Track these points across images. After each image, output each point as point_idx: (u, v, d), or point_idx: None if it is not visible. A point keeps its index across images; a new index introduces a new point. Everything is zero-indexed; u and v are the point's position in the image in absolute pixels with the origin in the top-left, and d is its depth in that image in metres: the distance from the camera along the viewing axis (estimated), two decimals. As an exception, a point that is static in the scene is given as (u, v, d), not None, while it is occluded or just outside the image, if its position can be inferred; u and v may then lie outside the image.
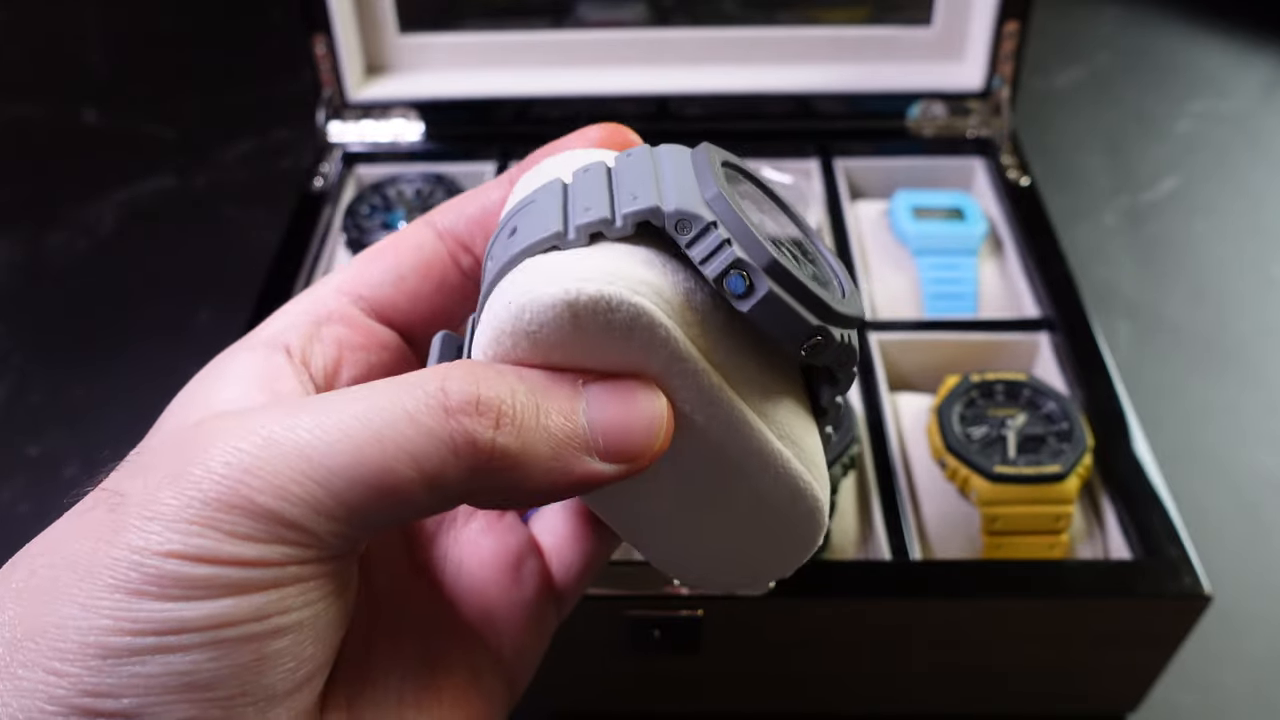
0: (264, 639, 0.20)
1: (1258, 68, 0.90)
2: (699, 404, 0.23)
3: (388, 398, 0.21)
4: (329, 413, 0.21)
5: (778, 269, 0.22)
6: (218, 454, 0.20)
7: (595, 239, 0.22)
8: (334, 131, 0.67)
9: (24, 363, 0.65)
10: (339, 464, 0.20)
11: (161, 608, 0.19)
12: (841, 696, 0.48)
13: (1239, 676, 0.50)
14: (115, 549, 0.19)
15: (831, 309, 0.23)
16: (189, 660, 0.19)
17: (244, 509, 0.20)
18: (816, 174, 0.65)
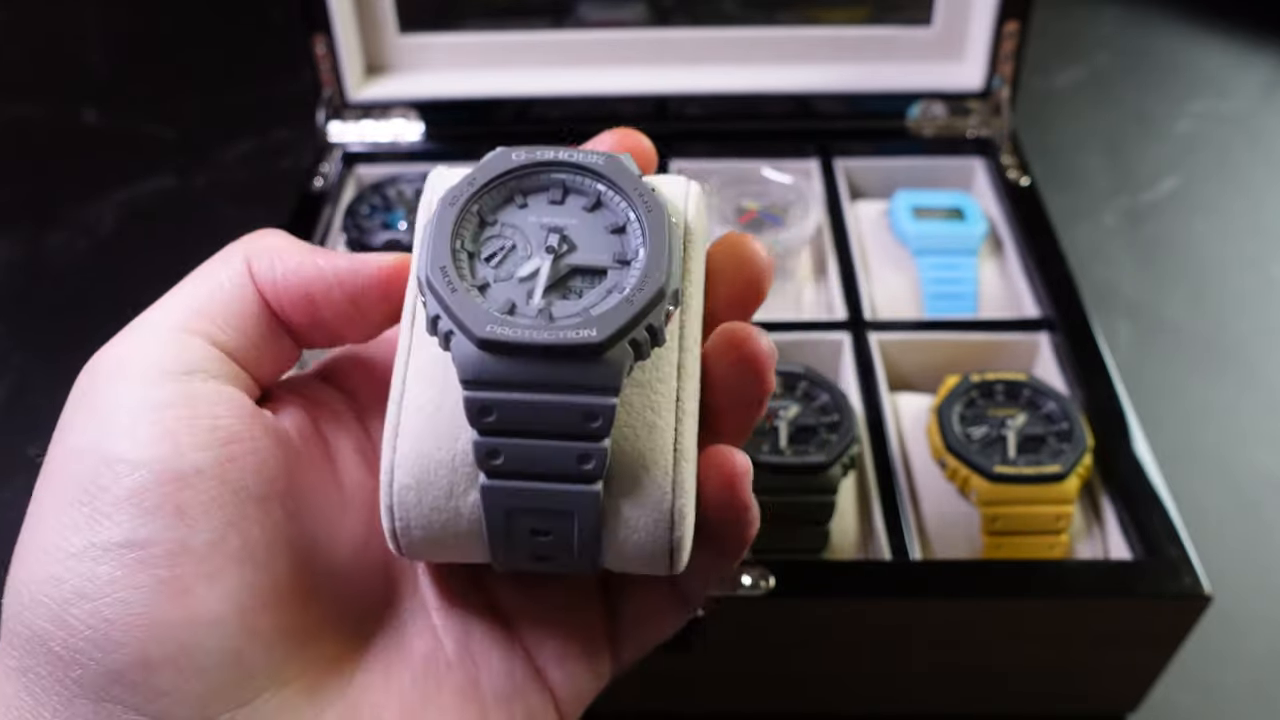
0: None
1: (1258, 68, 0.90)
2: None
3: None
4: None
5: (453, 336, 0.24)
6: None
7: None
8: (334, 131, 0.67)
9: (24, 363, 0.65)
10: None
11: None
12: (841, 696, 0.48)
13: (1239, 676, 0.50)
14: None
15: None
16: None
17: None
18: (816, 174, 0.65)
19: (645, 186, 0.26)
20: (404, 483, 0.25)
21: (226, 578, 0.23)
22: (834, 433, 0.48)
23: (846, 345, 0.55)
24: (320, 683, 0.25)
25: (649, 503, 0.25)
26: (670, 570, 0.26)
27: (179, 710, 0.22)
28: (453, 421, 0.25)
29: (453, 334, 0.24)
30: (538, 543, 0.25)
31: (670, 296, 0.24)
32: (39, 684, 0.22)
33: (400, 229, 0.58)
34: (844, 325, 0.56)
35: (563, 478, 0.24)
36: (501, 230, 0.26)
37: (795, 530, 0.47)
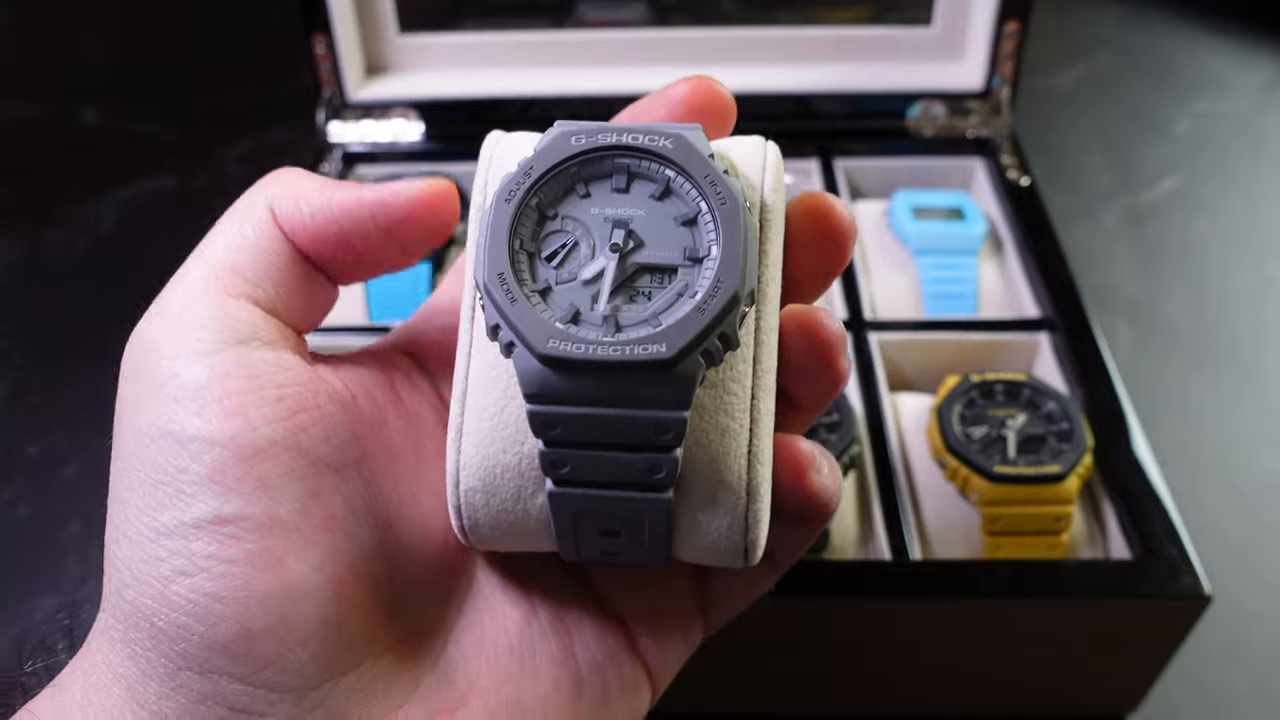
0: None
1: (1258, 68, 0.90)
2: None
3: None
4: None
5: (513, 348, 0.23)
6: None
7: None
8: (334, 131, 0.67)
9: (24, 363, 0.65)
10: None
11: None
12: (842, 696, 0.48)
13: (1239, 676, 0.50)
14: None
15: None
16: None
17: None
18: (816, 174, 0.65)
19: (717, 171, 0.24)
20: (470, 485, 0.25)
21: (316, 547, 0.24)
22: (834, 433, 0.48)
23: (847, 345, 0.55)
24: (415, 652, 0.25)
25: (722, 509, 0.24)
26: (744, 565, 0.25)
27: (282, 679, 0.23)
28: (518, 425, 0.25)
29: (514, 345, 0.23)
30: (608, 542, 0.25)
31: (746, 299, 0.23)
32: (144, 655, 0.23)
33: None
34: (844, 325, 0.56)
35: (633, 486, 0.23)
36: (563, 224, 0.24)
37: (795, 530, 0.47)
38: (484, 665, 0.26)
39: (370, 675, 0.24)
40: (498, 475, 0.25)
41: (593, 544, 0.25)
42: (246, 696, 0.22)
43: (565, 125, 0.25)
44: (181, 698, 0.22)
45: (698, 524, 0.25)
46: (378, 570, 0.25)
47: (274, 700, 0.23)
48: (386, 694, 0.24)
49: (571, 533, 0.25)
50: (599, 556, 0.26)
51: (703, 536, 0.25)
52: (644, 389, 0.22)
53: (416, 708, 0.24)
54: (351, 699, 0.24)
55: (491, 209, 0.24)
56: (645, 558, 0.25)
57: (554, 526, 0.25)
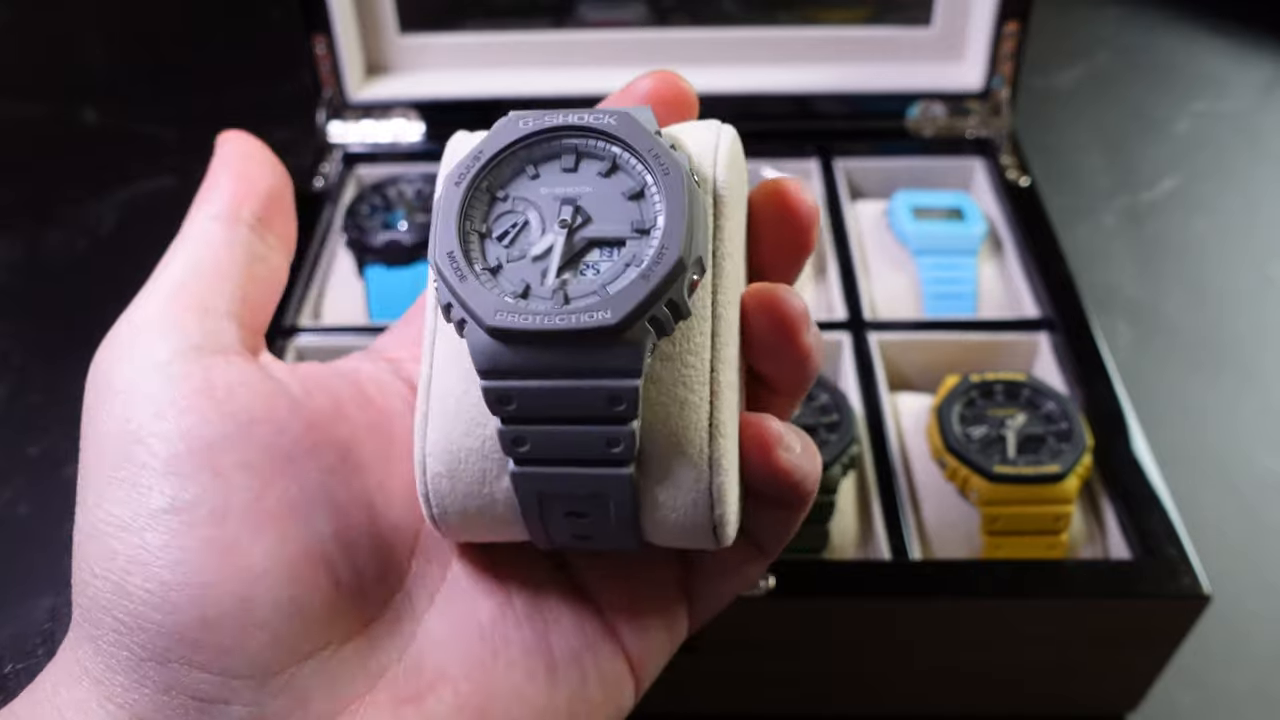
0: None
1: (1258, 68, 0.90)
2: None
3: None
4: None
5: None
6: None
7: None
8: (334, 131, 0.67)
9: (24, 363, 0.65)
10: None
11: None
12: (841, 696, 0.48)
13: (1238, 676, 0.50)
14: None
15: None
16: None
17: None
18: (816, 174, 0.65)
19: (662, 145, 0.24)
20: (436, 471, 0.25)
21: (271, 532, 0.24)
22: (834, 433, 0.48)
23: (846, 345, 0.55)
24: (382, 638, 0.26)
25: (685, 483, 0.24)
26: (716, 545, 0.25)
27: (244, 665, 0.23)
28: (479, 408, 0.25)
29: (464, 322, 0.23)
30: (575, 524, 0.25)
31: (693, 266, 0.23)
32: (106, 649, 0.23)
33: (401, 229, 0.58)
34: (844, 325, 0.56)
35: (592, 462, 0.24)
36: (513, 205, 0.25)
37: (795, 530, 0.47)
38: (454, 653, 0.26)
39: (334, 661, 0.24)
40: (462, 459, 0.25)
41: (561, 527, 0.25)
42: (208, 684, 0.23)
43: (515, 112, 0.25)
44: (146, 689, 0.23)
45: (662, 500, 0.25)
46: (336, 556, 0.25)
47: (236, 687, 0.23)
48: (351, 680, 0.24)
49: (538, 515, 0.25)
50: (570, 541, 0.26)
51: (668, 513, 0.25)
52: (593, 358, 0.22)
53: (382, 694, 0.25)
54: (314, 683, 0.24)
55: (442, 192, 0.24)
56: (616, 541, 0.25)
57: (520, 509, 0.25)
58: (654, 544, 0.26)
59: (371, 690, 0.25)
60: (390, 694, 0.25)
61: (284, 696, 0.23)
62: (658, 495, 0.25)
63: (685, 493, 0.24)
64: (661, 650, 0.29)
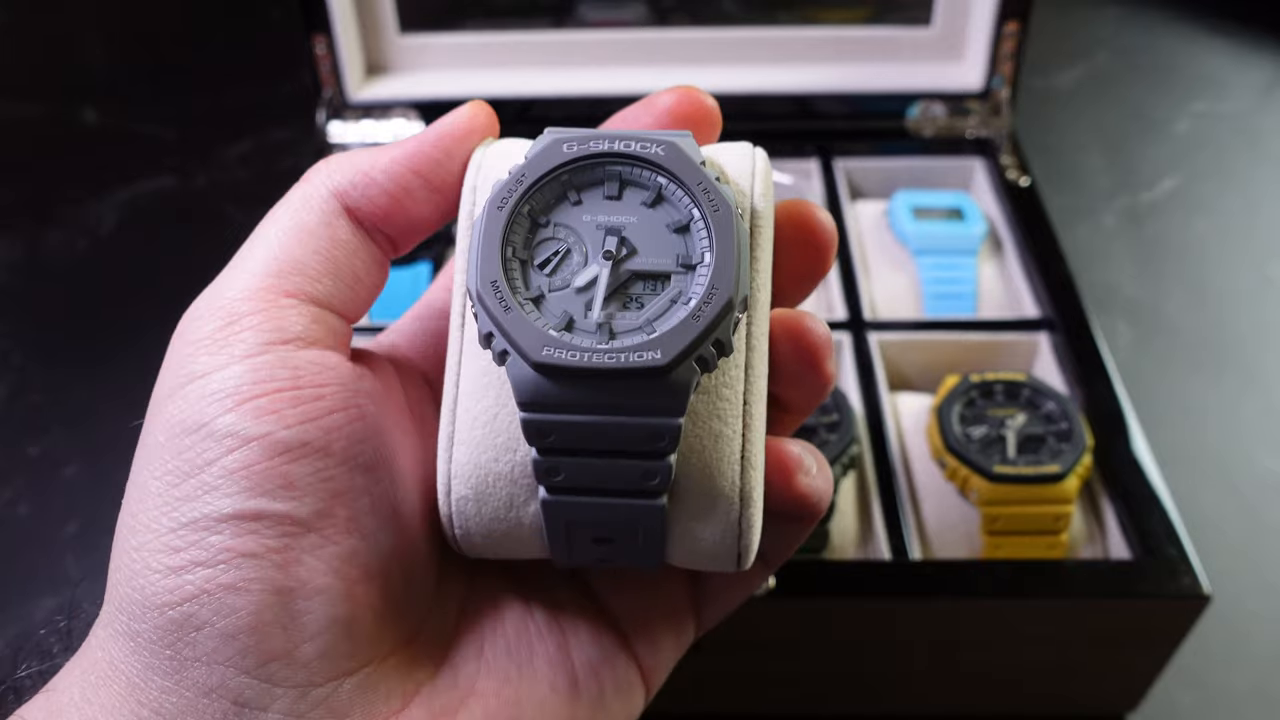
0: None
1: (1258, 68, 0.90)
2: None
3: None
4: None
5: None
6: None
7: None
8: (334, 132, 0.67)
9: (24, 363, 0.65)
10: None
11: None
12: (841, 696, 0.48)
13: (1238, 676, 0.50)
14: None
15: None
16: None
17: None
18: (816, 174, 0.65)
19: (709, 179, 0.24)
20: (462, 494, 0.25)
21: (335, 549, 0.24)
22: (834, 433, 0.48)
23: (846, 345, 0.55)
24: (419, 654, 0.26)
25: (716, 515, 0.24)
26: (736, 569, 0.25)
27: (287, 675, 0.23)
28: (510, 433, 0.24)
29: (507, 353, 0.23)
30: (601, 549, 0.25)
31: (739, 305, 0.23)
32: (148, 647, 0.23)
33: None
34: (844, 325, 0.56)
35: (626, 493, 0.23)
36: (555, 232, 0.24)
37: (795, 530, 0.47)
38: (483, 667, 0.26)
39: (375, 676, 0.24)
40: (490, 483, 0.25)
41: (586, 550, 0.25)
42: (251, 690, 0.22)
43: (556, 132, 0.25)
44: (186, 692, 0.22)
45: (691, 530, 0.25)
46: (393, 572, 0.25)
47: (277, 695, 0.23)
48: (389, 696, 0.24)
49: (564, 540, 0.25)
50: (592, 562, 0.26)
51: (696, 542, 0.25)
52: (639, 396, 0.22)
53: (418, 710, 0.25)
54: (354, 699, 0.24)
55: (484, 216, 0.24)
56: (639, 561, 0.25)
57: (547, 534, 0.25)
58: (672, 565, 0.26)
59: (407, 706, 0.25)
60: (426, 709, 0.25)
61: (322, 708, 0.23)
62: (688, 525, 0.25)
63: (716, 524, 0.25)
64: (671, 659, 0.29)
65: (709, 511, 0.24)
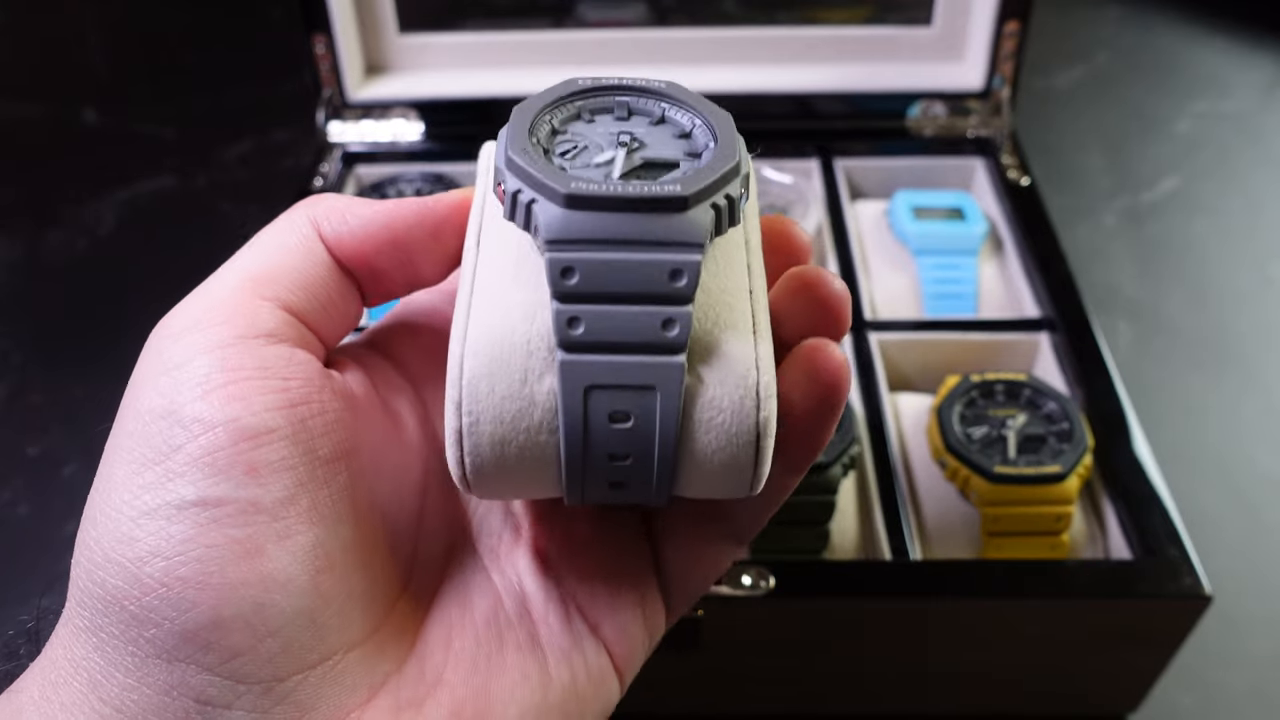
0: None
1: (1258, 68, 0.90)
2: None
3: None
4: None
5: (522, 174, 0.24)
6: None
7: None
8: (334, 131, 0.67)
9: (24, 363, 0.65)
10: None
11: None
12: (842, 696, 0.48)
13: (1239, 676, 0.50)
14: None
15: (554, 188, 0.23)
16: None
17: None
18: (816, 174, 0.65)
19: (708, 103, 0.26)
20: (475, 370, 0.24)
21: (297, 538, 0.23)
22: (834, 433, 0.48)
23: (846, 345, 0.55)
24: (385, 645, 0.25)
25: (733, 377, 0.24)
26: (753, 471, 0.25)
27: (252, 670, 0.22)
28: (527, 305, 0.25)
29: (535, 202, 0.23)
30: (614, 467, 0.24)
31: (743, 179, 0.24)
32: (110, 643, 0.22)
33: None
34: (844, 325, 0.56)
35: (645, 348, 0.23)
36: (573, 137, 0.26)
37: (795, 530, 0.47)
38: (451, 658, 0.26)
39: (339, 669, 0.24)
40: (505, 354, 0.24)
41: (600, 468, 0.24)
42: (214, 687, 0.22)
43: (572, 76, 0.27)
44: (147, 689, 0.22)
45: (709, 400, 0.24)
46: (354, 564, 0.25)
47: (241, 691, 0.22)
48: (355, 687, 0.24)
49: (582, 423, 0.24)
50: (604, 491, 0.25)
51: (715, 415, 0.24)
52: (662, 227, 0.23)
53: (384, 700, 0.24)
54: (319, 692, 0.23)
55: (512, 118, 0.25)
56: (651, 490, 0.25)
57: (562, 413, 0.24)
58: (684, 496, 0.26)
59: (374, 698, 0.24)
60: (392, 700, 0.25)
61: (287, 703, 0.23)
62: (706, 390, 0.24)
63: (733, 389, 0.24)
64: (642, 644, 0.29)
65: (726, 372, 0.24)
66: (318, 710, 0.23)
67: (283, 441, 0.24)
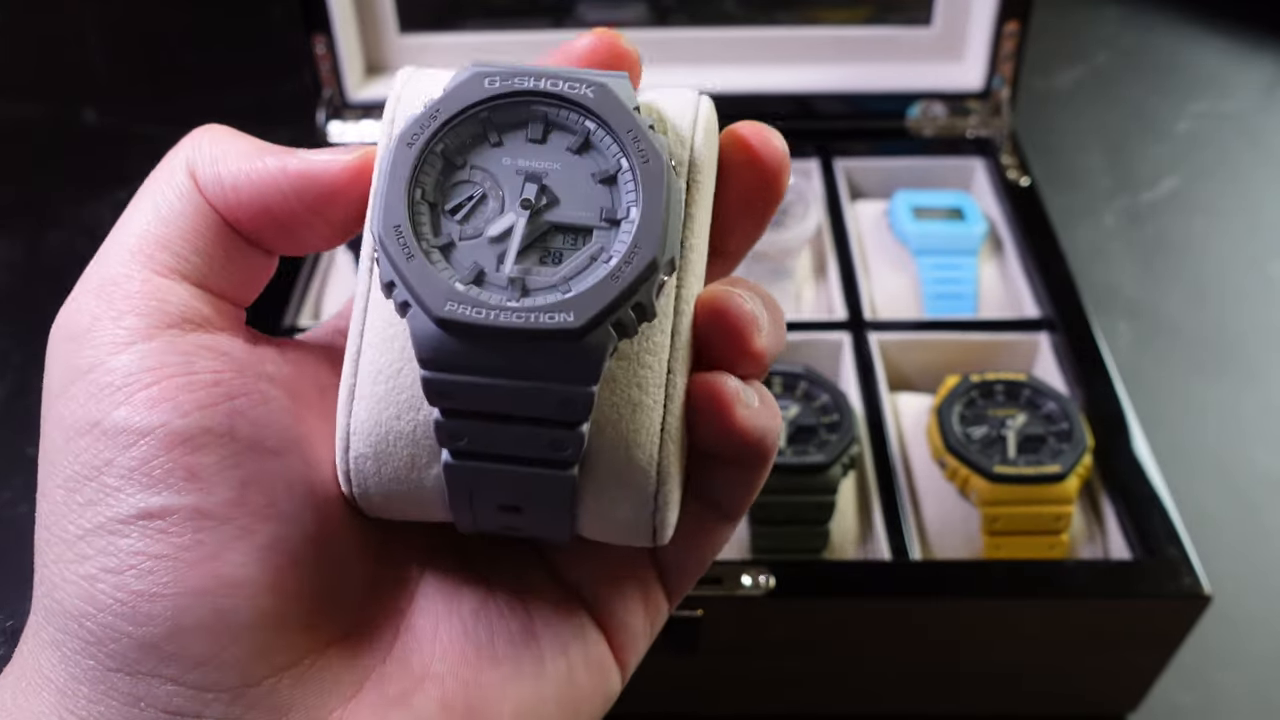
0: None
1: (1258, 68, 0.90)
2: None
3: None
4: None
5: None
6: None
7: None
8: (334, 132, 0.67)
9: (24, 363, 0.65)
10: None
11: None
12: (842, 696, 0.48)
13: (1239, 676, 0.50)
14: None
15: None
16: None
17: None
18: (816, 174, 0.65)
19: (641, 126, 0.22)
20: (361, 452, 0.23)
21: (254, 536, 0.22)
22: (834, 433, 0.48)
23: (846, 345, 0.55)
24: (364, 641, 0.24)
25: (629, 490, 0.23)
26: (652, 545, 0.24)
27: (218, 678, 0.22)
28: (414, 390, 0.23)
29: (409, 305, 0.21)
30: (506, 517, 0.23)
31: (665, 266, 0.21)
32: (72, 659, 0.22)
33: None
34: (844, 325, 0.56)
35: (534, 461, 0.22)
36: (471, 175, 0.22)
37: (795, 530, 0.47)
38: (438, 650, 0.25)
39: (317, 667, 0.23)
40: (390, 442, 0.23)
41: (491, 517, 0.24)
42: (180, 698, 0.21)
43: (480, 66, 0.23)
44: (113, 700, 0.22)
45: (602, 505, 0.23)
46: (321, 557, 0.24)
47: (209, 700, 0.22)
48: (336, 685, 0.23)
49: (468, 506, 0.23)
50: (499, 530, 0.24)
51: (607, 518, 0.23)
52: (549, 360, 0.21)
53: (369, 695, 0.24)
54: (295, 694, 0.23)
55: (392, 153, 0.22)
56: (547, 533, 0.24)
57: (449, 500, 0.23)
58: (584, 538, 0.25)
59: (357, 694, 0.24)
60: (377, 695, 0.24)
61: (260, 708, 0.22)
62: (600, 499, 0.23)
63: (629, 501, 0.23)
64: (642, 633, 0.28)
65: (623, 486, 0.23)
66: (295, 712, 0.22)
67: (222, 439, 0.22)
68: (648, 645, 0.28)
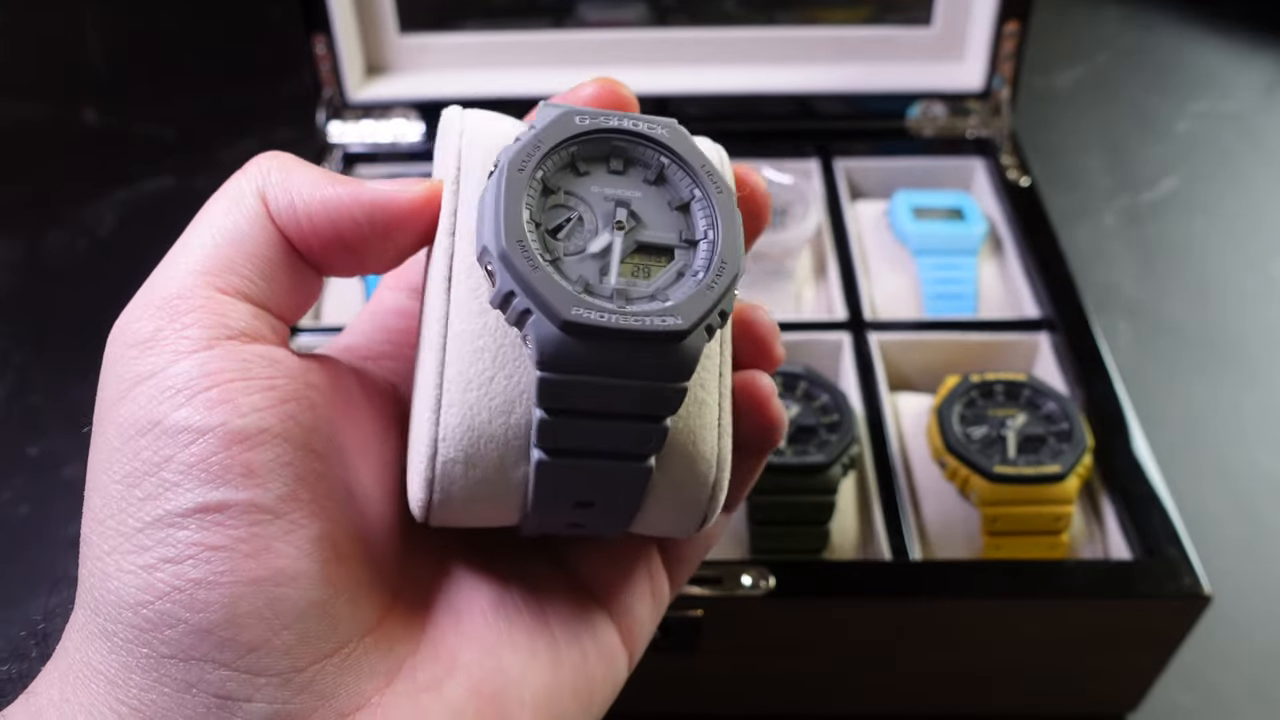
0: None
1: (1258, 68, 0.90)
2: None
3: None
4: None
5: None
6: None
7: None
8: (334, 132, 0.67)
9: (24, 363, 0.65)
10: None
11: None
12: (842, 696, 0.48)
13: (1239, 676, 0.50)
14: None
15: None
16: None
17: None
18: (816, 174, 0.65)
19: (709, 163, 0.25)
20: (450, 456, 0.25)
21: (302, 531, 0.24)
22: (834, 433, 0.48)
23: (846, 345, 0.55)
24: (397, 631, 0.26)
25: (695, 479, 0.26)
26: (699, 531, 0.27)
27: (268, 663, 0.23)
28: (506, 396, 0.25)
29: (530, 313, 0.23)
30: (577, 513, 0.26)
31: (740, 280, 0.25)
32: (124, 647, 0.23)
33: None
34: (844, 325, 0.56)
35: (619, 455, 0.24)
36: (565, 200, 0.25)
37: (795, 530, 0.47)
38: (463, 641, 0.26)
39: (356, 655, 0.24)
40: (482, 446, 0.25)
41: (563, 514, 0.26)
42: (232, 682, 0.22)
43: (562, 105, 0.26)
44: (165, 688, 0.22)
45: (669, 493, 0.26)
46: (360, 552, 0.25)
47: (260, 685, 0.23)
48: (372, 673, 0.25)
49: (550, 502, 0.25)
50: (562, 529, 0.26)
51: (667, 506, 0.26)
52: (656, 359, 0.23)
53: (402, 684, 0.25)
54: (338, 679, 0.24)
55: (504, 177, 0.24)
56: (606, 528, 0.27)
57: (534, 498, 0.25)
58: (635, 531, 0.27)
59: (392, 682, 0.25)
60: (410, 683, 0.25)
61: (307, 693, 0.23)
62: (668, 486, 0.26)
63: (693, 489, 0.26)
64: (650, 619, 0.29)
65: (690, 474, 0.26)
66: (337, 698, 0.24)
67: (275, 439, 0.24)
68: (652, 633, 0.30)
